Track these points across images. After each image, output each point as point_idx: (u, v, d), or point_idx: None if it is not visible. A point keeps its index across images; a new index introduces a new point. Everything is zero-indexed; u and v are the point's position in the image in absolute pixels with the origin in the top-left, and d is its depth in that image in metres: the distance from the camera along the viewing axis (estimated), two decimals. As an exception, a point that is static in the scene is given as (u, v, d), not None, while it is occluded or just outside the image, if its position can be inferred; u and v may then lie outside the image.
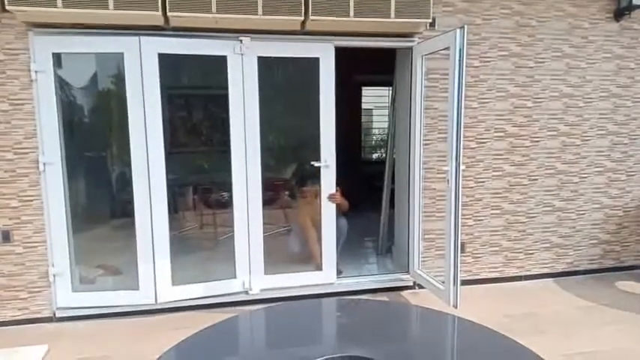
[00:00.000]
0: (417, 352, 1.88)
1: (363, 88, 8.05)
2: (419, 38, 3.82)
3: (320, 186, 3.88)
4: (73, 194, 3.61)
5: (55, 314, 3.52)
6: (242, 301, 3.77)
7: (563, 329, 3.34)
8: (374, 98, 8.63)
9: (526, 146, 4.16)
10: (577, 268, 4.43)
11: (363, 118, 8.55)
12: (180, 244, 4.31)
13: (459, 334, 2.10)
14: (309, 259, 4.11)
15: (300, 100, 4.46)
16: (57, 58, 3.38)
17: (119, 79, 3.49)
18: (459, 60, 3.18)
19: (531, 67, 4.07)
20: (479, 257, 4.21)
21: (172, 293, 3.65)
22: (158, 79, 3.46)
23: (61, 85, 3.47)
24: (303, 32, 3.58)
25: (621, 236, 4.49)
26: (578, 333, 3.28)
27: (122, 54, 3.40)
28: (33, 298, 3.49)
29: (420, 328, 2.21)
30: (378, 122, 9.14)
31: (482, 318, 2.19)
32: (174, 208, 4.29)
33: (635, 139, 4.38)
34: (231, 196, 3.74)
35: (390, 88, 5.16)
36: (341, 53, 3.78)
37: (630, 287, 4.15)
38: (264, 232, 3.82)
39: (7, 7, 2.98)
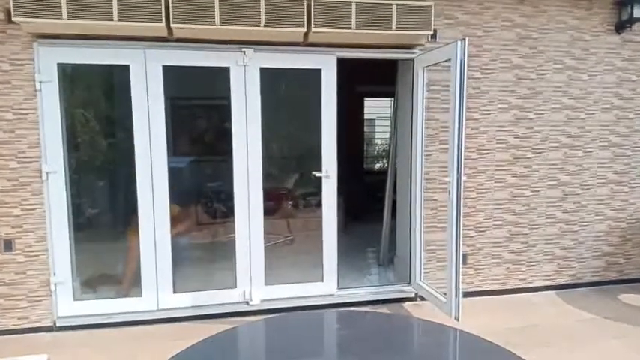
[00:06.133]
0: (418, 365, 1.86)
1: (366, 98, 8.09)
2: (420, 50, 3.84)
3: (321, 196, 3.88)
4: (76, 203, 3.63)
5: (55, 323, 3.51)
6: (242, 312, 3.76)
7: (566, 342, 3.31)
8: (376, 109, 8.66)
9: (528, 157, 4.16)
10: (580, 281, 4.40)
11: (366, 129, 8.58)
12: (182, 252, 4.31)
13: (460, 347, 2.09)
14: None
15: (302, 111, 4.48)
16: (62, 69, 3.42)
17: (123, 89, 3.52)
18: (460, 72, 3.20)
19: (533, 79, 4.08)
20: (481, 269, 4.19)
21: (174, 300, 3.66)
22: (162, 91, 3.51)
23: (65, 95, 3.50)
24: (306, 44, 3.61)
25: (624, 248, 4.47)
26: (582, 346, 3.25)
27: (127, 66, 3.45)
28: (33, 307, 3.49)
29: (421, 341, 2.19)
30: (381, 133, 9.17)
31: (484, 330, 2.17)
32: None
33: (637, 151, 4.37)
34: (232, 206, 3.75)
35: (392, 99, 5.18)
36: (343, 64, 3.80)
37: (633, 300, 4.12)
38: (265, 242, 3.82)
39: (13, 19, 3.02)
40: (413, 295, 4.07)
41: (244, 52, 3.57)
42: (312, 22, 3.34)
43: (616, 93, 4.26)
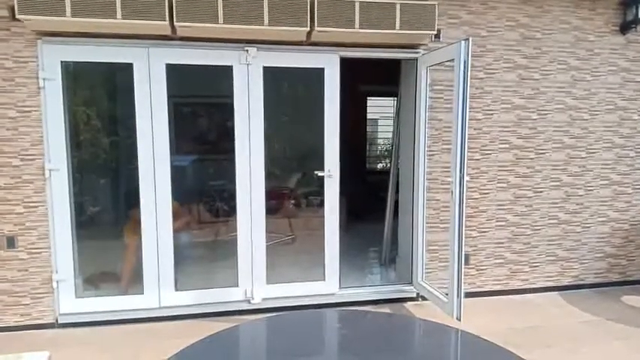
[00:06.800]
0: (419, 366, 1.86)
1: (369, 98, 8.08)
2: (424, 50, 3.83)
3: (323, 195, 3.88)
4: (78, 201, 3.63)
5: (57, 320, 3.52)
6: (244, 310, 3.76)
7: (568, 343, 3.30)
8: (379, 108, 8.65)
9: (531, 158, 4.15)
10: (583, 282, 4.38)
11: (369, 128, 8.57)
12: (184, 250, 4.31)
13: (462, 348, 2.08)
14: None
15: (304, 110, 4.48)
16: (65, 67, 3.42)
17: (126, 87, 3.53)
18: (464, 72, 3.19)
19: (537, 79, 4.07)
20: (483, 269, 4.18)
21: (175, 298, 3.67)
22: (165, 89, 3.51)
23: (68, 92, 3.50)
24: (309, 43, 3.61)
25: (627, 250, 4.45)
26: (585, 348, 3.24)
27: (131, 64, 3.45)
28: (35, 304, 3.50)
29: (423, 341, 2.19)
30: (384, 132, 9.16)
31: (486, 331, 2.17)
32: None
33: (641, 152, 4.36)
34: (234, 205, 3.75)
35: (395, 98, 5.18)
36: (346, 63, 3.80)
37: (636, 302, 4.10)
38: (267, 241, 3.82)
39: (17, 16, 3.02)
40: (414, 295, 4.07)
41: (247, 50, 3.57)
42: (316, 21, 3.34)
43: (620, 94, 4.25)
